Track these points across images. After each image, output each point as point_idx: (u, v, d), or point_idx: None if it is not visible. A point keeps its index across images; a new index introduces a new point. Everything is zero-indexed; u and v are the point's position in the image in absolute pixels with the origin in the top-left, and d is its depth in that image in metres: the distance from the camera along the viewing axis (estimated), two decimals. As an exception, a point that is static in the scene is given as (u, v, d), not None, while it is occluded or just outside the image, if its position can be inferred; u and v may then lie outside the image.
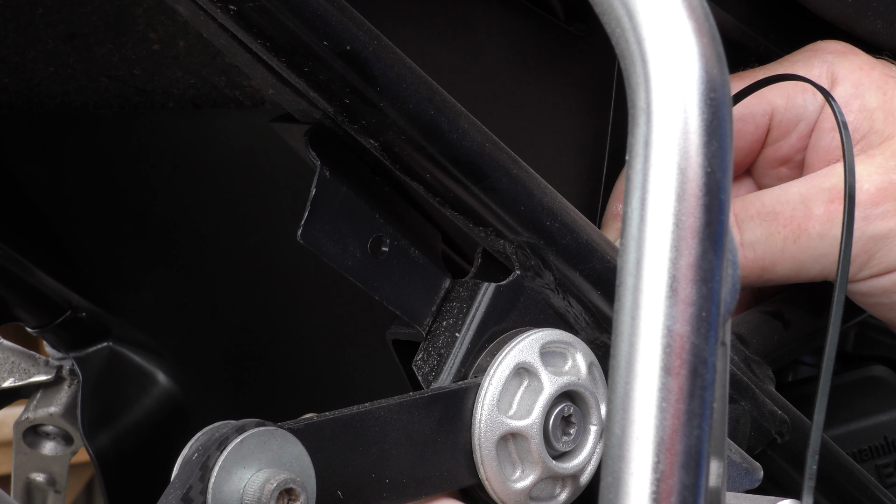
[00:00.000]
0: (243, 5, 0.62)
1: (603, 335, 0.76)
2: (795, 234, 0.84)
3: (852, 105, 0.86)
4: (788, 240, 0.84)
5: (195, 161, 0.89)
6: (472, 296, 0.72)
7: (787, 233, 0.84)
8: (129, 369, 1.01)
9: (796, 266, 0.85)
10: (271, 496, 0.61)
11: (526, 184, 0.72)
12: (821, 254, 0.84)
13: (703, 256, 0.55)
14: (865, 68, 0.87)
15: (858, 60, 0.87)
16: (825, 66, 0.86)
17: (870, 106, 0.86)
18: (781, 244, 0.84)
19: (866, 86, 0.86)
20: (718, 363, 0.55)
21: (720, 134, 0.55)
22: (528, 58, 0.82)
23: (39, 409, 1.02)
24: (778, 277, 0.85)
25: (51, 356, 1.03)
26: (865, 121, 0.86)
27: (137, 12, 0.80)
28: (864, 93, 0.86)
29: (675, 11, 0.55)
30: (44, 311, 0.99)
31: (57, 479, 1.05)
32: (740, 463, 0.79)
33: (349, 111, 0.66)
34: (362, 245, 0.70)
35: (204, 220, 0.92)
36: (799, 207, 0.84)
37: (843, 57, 0.87)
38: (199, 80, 0.81)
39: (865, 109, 0.86)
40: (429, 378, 0.71)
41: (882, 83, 0.86)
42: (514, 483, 0.71)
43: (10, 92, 0.87)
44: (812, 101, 0.87)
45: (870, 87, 0.86)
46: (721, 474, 0.61)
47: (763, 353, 0.88)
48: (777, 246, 0.84)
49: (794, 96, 0.87)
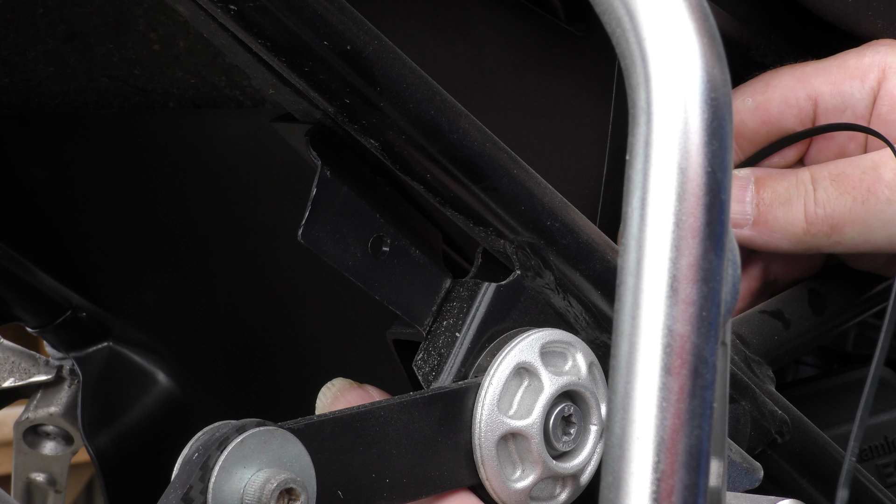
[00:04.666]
0: (243, 5, 0.62)
1: (603, 335, 0.76)
2: (864, 195, 0.84)
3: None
4: (857, 201, 0.84)
5: (195, 161, 0.88)
6: (473, 296, 0.72)
7: (857, 194, 0.84)
8: (129, 369, 1.01)
9: (864, 230, 0.85)
10: (271, 496, 0.61)
11: (526, 184, 0.72)
12: (888, 218, 0.84)
13: (703, 256, 0.55)
14: None
15: None
16: (877, 56, 0.86)
17: None
18: (850, 204, 0.85)
19: None
20: (719, 363, 0.55)
21: (721, 134, 0.55)
22: (528, 58, 0.82)
23: (39, 409, 1.02)
24: (846, 240, 0.86)
25: (51, 356, 1.03)
26: None
27: (137, 12, 0.80)
28: None
29: (675, 11, 0.55)
30: (44, 311, 0.99)
31: (57, 479, 1.05)
32: (740, 463, 0.79)
33: (349, 111, 0.66)
34: (363, 245, 0.70)
35: (204, 219, 0.92)
36: (869, 171, 0.84)
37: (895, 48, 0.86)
38: (199, 80, 0.81)
39: None
40: (429, 378, 0.71)
41: None
42: (514, 483, 0.71)
43: (10, 92, 0.87)
44: (860, 88, 0.86)
45: None
46: (721, 474, 0.61)
47: (763, 353, 0.88)
48: (846, 206, 0.85)
49: (840, 83, 0.86)
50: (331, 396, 0.74)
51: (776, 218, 0.86)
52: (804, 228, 0.85)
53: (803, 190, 0.85)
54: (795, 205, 0.85)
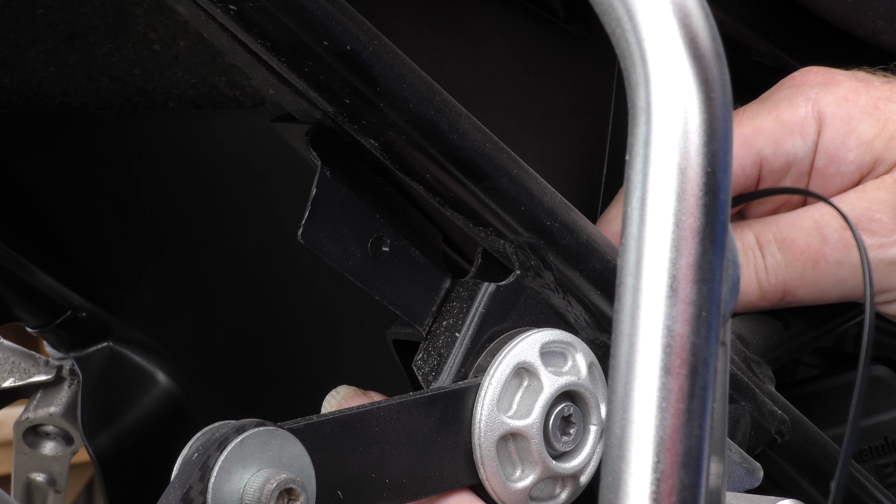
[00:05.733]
0: (243, 5, 0.62)
1: (603, 335, 0.76)
2: (813, 260, 0.84)
3: (849, 142, 0.84)
4: (808, 265, 0.84)
5: (195, 161, 0.89)
6: (473, 296, 0.72)
7: (805, 259, 0.84)
8: (129, 369, 1.01)
9: (818, 291, 0.85)
10: (271, 496, 0.61)
11: (526, 184, 0.72)
12: (840, 279, 0.84)
13: (703, 256, 0.55)
14: (851, 98, 0.85)
15: (842, 91, 0.85)
16: (810, 104, 0.85)
17: (866, 137, 0.84)
18: (801, 270, 0.84)
19: (857, 117, 0.84)
20: (718, 363, 0.55)
21: (720, 134, 0.55)
22: (528, 58, 0.82)
23: (39, 409, 1.02)
24: (799, 300, 0.86)
25: (51, 356, 1.03)
26: (867, 153, 0.84)
27: (137, 12, 0.80)
28: (857, 126, 0.84)
29: (675, 11, 0.55)
30: (44, 311, 0.99)
31: (57, 479, 1.05)
32: (740, 463, 0.79)
33: (349, 111, 0.66)
34: (363, 245, 0.70)
35: (204, 219, 0.92)
36: (813, 234, 0.84)
37: (826, 90, 0.85)
38: (199, 80, 0.81)
39: (863, 143, 0.84)
40: (429, 378, 0.71)
41: (872, 109, 0.84)
42: (514, 483, 0.71)
43: (10, 92, 0.87)
44: (801, 144, 0.85)
45: (861, 117, 0.84)
46: (721, 474, 0.61)
47: (763, 353, 0.88)
48: (797, 272, 0.84)
49: (781, 143, 0.85)
50: (335, 404, 0.74)
51: None
52: (759, 295, 0.86)
53: (752, 257, 0.85)
54: (747, 274, 0.85)
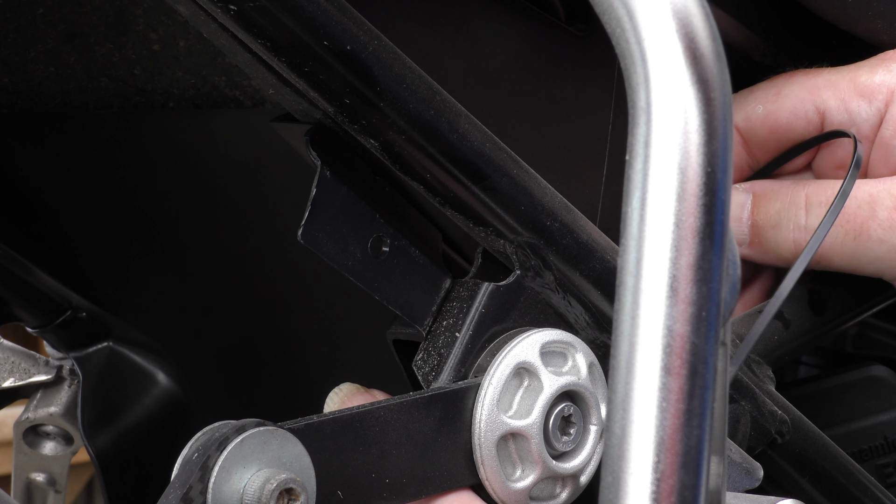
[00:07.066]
0: (243, 5, 0.62)
1: (603, 335, 0.76)
2: (857, 231, 0.85)
3: None
4: (849, 235, 0.85)
5: (195, 161, 0.89)
6: (473, 296, 0.72)
7: (849, 228, 0.85)
8: (129, 369, 1.01)
9: (853, 262, 0.86)
10: (271, 496, 0.61)
11: (526, 184, 0.72)
12: (877, 256, 0.85)
13: (703, 256, 0.55)
14: None
15: None
16: (888, 75, 0.86)
17: None
18: (842, 238, 0.85)
19: None
20: (718, 363, 0.55)
21: (720, 134, 0.55)
22: (528, 58, 0.82)
23: (39, 409, 1.02)
24: (833, 268, 0.87)
25: (51, 356, 1.03)
26: None
27: (137, 12, 0.80)
28: None
29: (675, 12, 0.55)
30: (44, 311, 0.99)
31: (57, 479, 1.05)
32: (740, 463, 0.79)
33: (349, 111, 0.66)
34: (363, 245, 0.70)
35: (204, 219, 0.92)
36: (864, 206, 0.84)
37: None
38: (199, 80, 0.81)
39: None
40: (429, 378, 0.71)
41: None
42: (514, 483, 0.71)
43: (10, 92, 0.87)
44: (867, 108, 0.86)
45: None
46: (721, 474, 0.61)
47: (763, 353, 0.88)
48: (837, 238, 0.85)
49: (848, 100, 0.86)
50: (338, 402, 0.74)
51: (767, 240, 0.87)
52: (793, 253, 0.86)
53: (793, 215, 0.86)
54: (784, 230, 0.86)
